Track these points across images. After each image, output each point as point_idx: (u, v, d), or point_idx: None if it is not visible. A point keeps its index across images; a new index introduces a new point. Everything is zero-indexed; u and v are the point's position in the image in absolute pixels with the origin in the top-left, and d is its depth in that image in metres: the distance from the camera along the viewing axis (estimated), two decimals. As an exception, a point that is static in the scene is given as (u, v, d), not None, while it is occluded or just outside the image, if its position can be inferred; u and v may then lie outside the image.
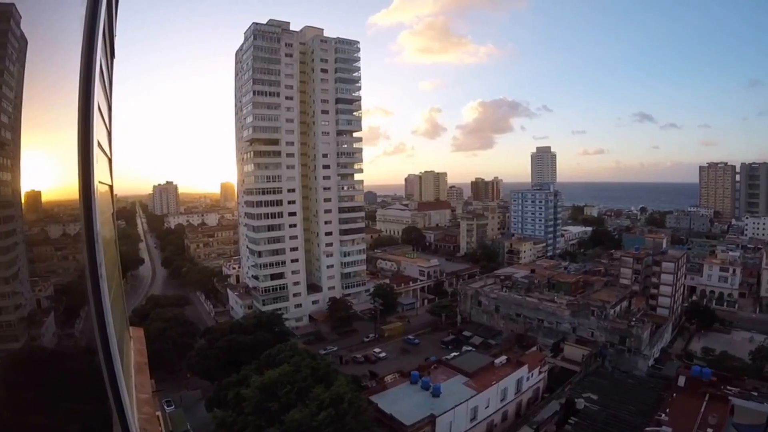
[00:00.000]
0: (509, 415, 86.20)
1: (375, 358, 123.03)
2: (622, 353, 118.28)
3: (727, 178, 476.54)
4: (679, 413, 76.34)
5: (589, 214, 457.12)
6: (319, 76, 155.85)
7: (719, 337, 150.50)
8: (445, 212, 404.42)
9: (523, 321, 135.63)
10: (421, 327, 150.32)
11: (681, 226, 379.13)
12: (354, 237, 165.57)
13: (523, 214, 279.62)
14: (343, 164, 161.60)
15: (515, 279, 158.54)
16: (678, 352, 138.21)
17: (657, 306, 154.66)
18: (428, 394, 76.10)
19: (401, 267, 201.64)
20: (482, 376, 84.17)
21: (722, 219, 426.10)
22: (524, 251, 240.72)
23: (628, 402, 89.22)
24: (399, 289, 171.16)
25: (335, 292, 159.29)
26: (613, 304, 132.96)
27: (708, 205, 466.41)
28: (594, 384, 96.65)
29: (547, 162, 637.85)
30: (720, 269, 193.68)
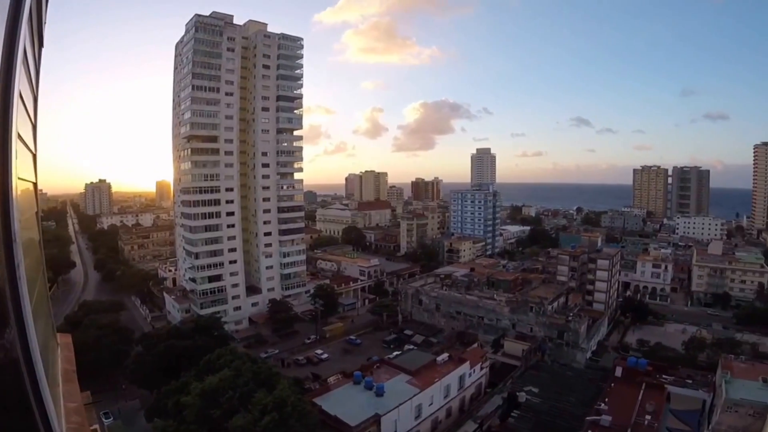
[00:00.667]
0: (453, 411, 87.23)
1: (317, 360, 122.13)
2: (560, 347, 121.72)
3: (660, 180, 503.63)
4: (618, 402, 79.08)
5: (527, 213, 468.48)
6: (260, 72, 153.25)
7: (653, 329, 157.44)
8: (386, 212, 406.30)
9: (463, 318, 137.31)
10: (363, 327, 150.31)
11: (615, 225, 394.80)
12: (293, 237, 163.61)
13: (463, 213, 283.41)
14: (283, 163, 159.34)
15: (455, 277, 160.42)
16: (614, 345, 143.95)
17: (593, 301, 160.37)
18: (372, 394, 76.02)
19: (341, 267, 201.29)
20: (425, 374, 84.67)
21: (654, 219, 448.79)
22: (464, 250, 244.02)
23: (568, 393, 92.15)
24: (340, 289, 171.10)
25: (275, 294, 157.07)
26: (550, 301, 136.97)
27: (641, 206, 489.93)
28: (535, 377, 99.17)
29: (486, 163, 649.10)
30: (653, 266, 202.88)
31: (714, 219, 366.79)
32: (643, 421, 73.84)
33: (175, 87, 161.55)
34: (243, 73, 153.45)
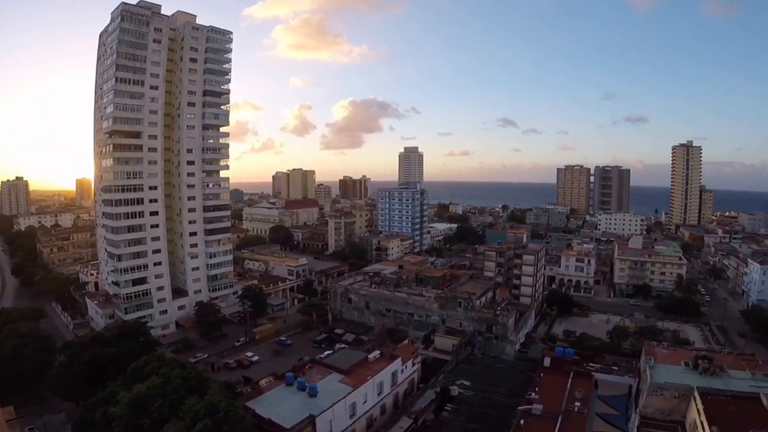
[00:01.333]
0: (387, 408, 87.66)
1: (248, 363, 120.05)
2: (490, 340, 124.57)
3: (583, 179, 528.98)
4: (548, 391, 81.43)
5: (454, 211, 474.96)
6: (187, 66, 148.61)
7: (579, 320, 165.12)
8: (313, 210, 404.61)
9: (393, 316, 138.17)
10: (293, 327, 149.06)
11: (540, 222, 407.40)
12: (220, 237, 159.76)
13: (391, 211, 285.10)
14: (208, 160, 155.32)
15: (384, 275, 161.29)
16: (542, 336, 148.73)
17: (520, 295, 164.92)
18: (305, 395, 75.10)
19: (269, 267, 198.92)
20: (357, 372, 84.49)
21: (577, 215, 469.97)
22: (392, 248, 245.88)
23: (499, 385, 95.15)
24: (268, 289, 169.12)
25: (202, 296, 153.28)
26: (478, 296, 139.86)
27: (565, 203, 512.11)
28: (466, 371, 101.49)
29: (414, 161, 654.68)
30: (576, 260, 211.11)
31: (634, 215, 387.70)
32: (573, 408, 76.34)
33: (97, 79, 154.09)
34: (169, 66, 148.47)
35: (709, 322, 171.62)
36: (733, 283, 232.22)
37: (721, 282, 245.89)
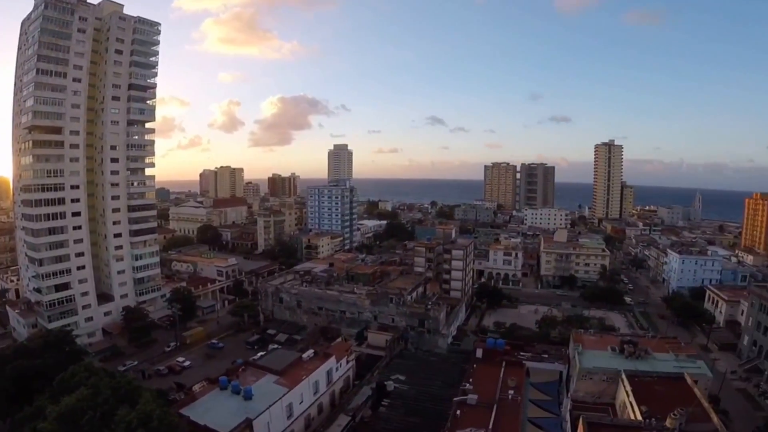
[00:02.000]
0: (325, 407, 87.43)
1: (180, 368, 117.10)
2: (422, 334, 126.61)
3: (509, 175, 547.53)
4: (482, 381, 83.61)
5: (383, 208, 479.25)
6: (113, 58, 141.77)
7: (508, 311, 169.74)
8: (242, 209, 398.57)
9: (325, 314, 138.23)
10: (224, 329, 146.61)
11: (468, 217, 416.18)
12: (146, 238, 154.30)
13: (320, 209, 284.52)
14: (133, 158, 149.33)
15: (315, 273, 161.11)
16: (473, 328, 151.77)
17: (450, 289, 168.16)
18: (240, 398, 73.86)
19: (198, 268, 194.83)
20: (292, 372, 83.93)
21: (504, 211, 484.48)
22: (322, 246, 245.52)
23: (434, 378, 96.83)
24: (197, 291, 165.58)
25: (129, 301, 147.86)
26: (409, 291, 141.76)
27: (492, 199, 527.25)
28: (401, 366, 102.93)
29: (343, 159, 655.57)
30: (504, 254, 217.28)
31: (559, 210, 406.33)
32: (507, 396, 78.60)
33: (17, 70, 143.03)
34: (93, 57, 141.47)
35: (633, 309, 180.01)
36: (654, 272, 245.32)
37: (643, 271, 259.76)
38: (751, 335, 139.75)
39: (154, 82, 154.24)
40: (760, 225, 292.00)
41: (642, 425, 62.65)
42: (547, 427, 72.70)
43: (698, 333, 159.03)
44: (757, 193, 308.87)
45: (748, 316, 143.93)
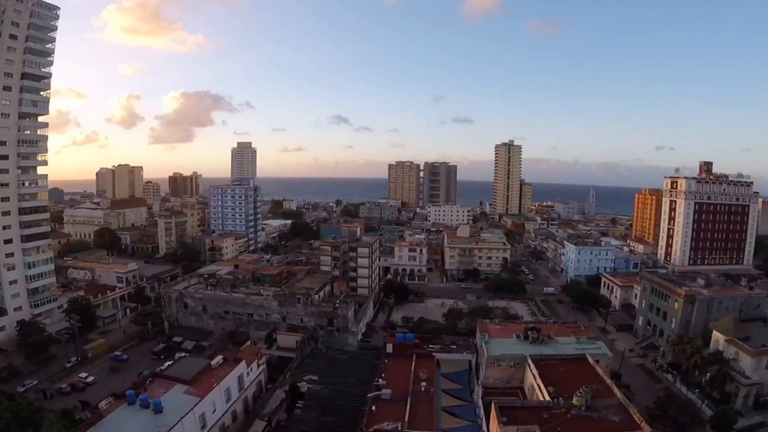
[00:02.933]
0: (239, 414, 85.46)
1: (83, 385, 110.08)
2: (332, 333, 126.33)
3: (413, 174, 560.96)
4: (394, 375, 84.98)
5: (288, 207, 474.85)
6: (6, 43, 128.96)
7: (415, 306, 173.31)
8: (142, 210, 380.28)
9: (233, 317, 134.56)
10: (128, 340, 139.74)
11: (373, 215, 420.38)
12: (39, 244, 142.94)
13: (224, 209, 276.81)
14: (24, 155, 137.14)
15: (220, 276, 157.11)
16: (382, 324, 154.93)
17: (357, 287, 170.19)
18: (150, 413, 70.32)
19: (96, 275, 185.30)
20: (202, 380, 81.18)
21: (409, 208, 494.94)
22: (226, 247, 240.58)
23: (347, 376, 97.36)
24: (96, 300, 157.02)
25: (23, 314, 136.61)
26: (317, 290, 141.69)
27: (396, 197, 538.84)
28: (312, 366, 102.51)
29: (247, 157, 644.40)
30: (409, 250, 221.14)
31: (461, 207, 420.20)
32: (420, 388, 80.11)
33: None
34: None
35: (534, 297, 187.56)
36: (553, 263, 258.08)
37: (542, 262, 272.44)
38: (644, 316, 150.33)
39: (50, 72, 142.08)
40: (649, 217, 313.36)
41: (551, 405, 65.80)
42: (461, 415, 74.42)
43: (596, 317, 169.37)
44: (646, 189, 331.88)
45: (641, 299, 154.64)
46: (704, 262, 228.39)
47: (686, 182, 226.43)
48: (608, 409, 65.89)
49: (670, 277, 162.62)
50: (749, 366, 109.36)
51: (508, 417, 60.36)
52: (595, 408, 65.51)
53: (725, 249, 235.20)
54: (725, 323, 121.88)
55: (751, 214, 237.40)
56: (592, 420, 63.08)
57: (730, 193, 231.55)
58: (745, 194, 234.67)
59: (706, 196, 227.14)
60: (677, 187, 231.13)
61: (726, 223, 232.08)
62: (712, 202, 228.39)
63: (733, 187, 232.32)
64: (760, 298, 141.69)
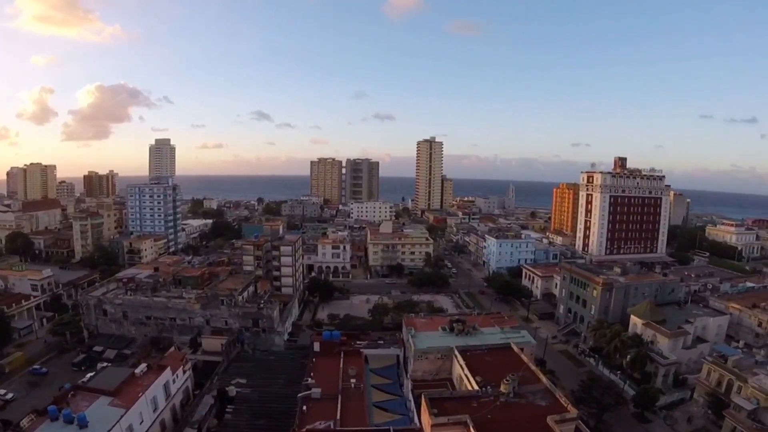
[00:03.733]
0: (167, 423, 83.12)
1: (2, 402, 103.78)
2: (258, 334, 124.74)
3: (335, 171, 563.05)
4: (323, 374, 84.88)
5: (209, 206, 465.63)
6: None
7: (341, 303, 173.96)
8: (56, 212, 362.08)
9: (155, 323, 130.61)
10: (46, 352, 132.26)
11: (295, 213, 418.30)
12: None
13: (142, 210, 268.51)
14: None
15: (139, 280, 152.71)
16: (308, 323, 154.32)
17: (281, 286, 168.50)
18: (75, 428, 66.85)
19: (9, 283, 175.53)
20: (127, 390, 78.39)
21: (331, 205, 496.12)
22: (146, 249, 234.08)
23: (275, 377, 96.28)
24: (10, 310, 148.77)
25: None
26: (240, 291, 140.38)
27: (318, 194, 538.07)
28: (240, 369, 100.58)
29: (166, 154, 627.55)
30: (333, 247, 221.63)
31: (384, 203, 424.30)
32: (349, 385, 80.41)
33: None
34: None
35: (458, 290, 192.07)
36: (475, 256, 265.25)
37: (464, 256, 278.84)
38: (565, 304, 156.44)
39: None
40: (567, 210, 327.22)
41: (479, 394, 67.69)
42: (392, 409, 75.46)
43: (519, 306, 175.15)
44: (563, 183, 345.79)
45: (561, 288, 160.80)
46: (620, 251, 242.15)
47: (602, 177, 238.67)
48: (535, 395, 68.51)
49: (588, 266, 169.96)
50: (666, 347, 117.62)
51: (438, 408, 61.66)
52: (523, 394, 68.00)
53: (640, 239, 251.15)
54: (642, 308, 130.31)
55: (663, 205, 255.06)
56: (521, 406, 65.46)
57: (644, 187, 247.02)
58: (657, 187, 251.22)
59: (621, 189, 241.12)
60: (593, 181, 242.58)
61: (640, 214, 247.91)
62: (626, 195, 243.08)
63: (646, 181, 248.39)
64: (673, 283, 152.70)
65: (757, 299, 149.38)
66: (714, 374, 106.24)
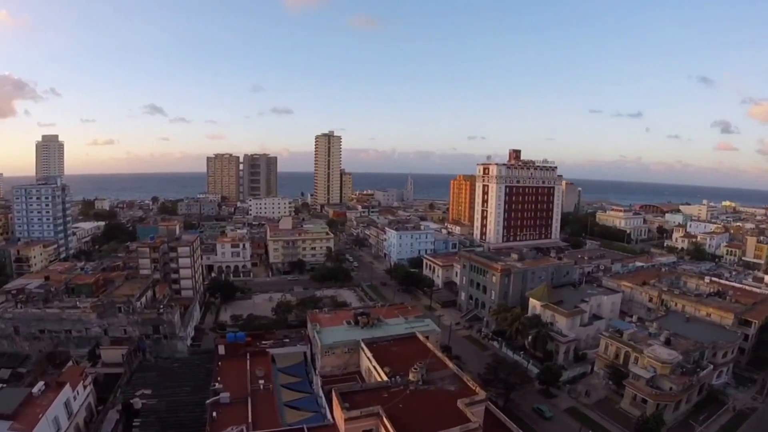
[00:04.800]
0: (75, 444, 78.55)
1: None
2: (159, 341, 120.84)
3: (232, 167, 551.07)
4: (230, 377, 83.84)
5: (101, 207, 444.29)
6: None
7: (243, 303, 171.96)
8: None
9: (49, 336, 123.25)
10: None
11: (192, 212, 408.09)
12: None
13: (29, 213, 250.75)
14: None
15: (30, 291, 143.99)
16: (211, 326, 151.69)
17: (181, 289, 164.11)
18: None
19: None
20: (26, 413, 72.70)
21: (229, 202, 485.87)
22: (35, 257, 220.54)
23: (182, 384, 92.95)
24: None
25: None
26: (138, 296, 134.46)
27: (216, 191, 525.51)
28: (144, 379, 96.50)
29: (53, 152, 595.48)
30: (232, 246, 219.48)
31: (283, 199, 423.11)
32: (258, 387, 79.99)
33: None
34: None
35: (360, 284, 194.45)
36: (376, 249, 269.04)
37: (365, 249, 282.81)
38: (466, 291, 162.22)
39: None
40: (464, 201, 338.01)
41: (389, 384, 69.03)
42: (304, 407, 75.72)
43: (422, 296, 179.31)
44: (461, 175, 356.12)
45: (462, 276, 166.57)
46: (517, 238, 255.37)
47: (497, 168, 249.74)
48: (444, 380, 70.81)
49: (486, 254, 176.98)
50: (565, 326, 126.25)
51: (350, 402, 62.38)
52: (432, 381, 70.13)
53: (535, 226, 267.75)
54: (540, 291, 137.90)
55: (556, 194, 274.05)
56: (431, 392, 67.55)
57: (537, 177, 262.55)
58: (550, 177, 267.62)
59: (516, 180, 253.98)
60: (489, 172, 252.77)
61: (534, 203, 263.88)
62: (521, 185, 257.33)
63: (540, 171, 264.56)
64: (568, 266, 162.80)
65: (646, 277, 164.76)
66: (611, 348, 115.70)
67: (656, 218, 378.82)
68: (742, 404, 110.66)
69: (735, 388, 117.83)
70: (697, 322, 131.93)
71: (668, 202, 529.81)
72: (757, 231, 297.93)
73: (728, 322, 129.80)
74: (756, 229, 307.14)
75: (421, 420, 59.92)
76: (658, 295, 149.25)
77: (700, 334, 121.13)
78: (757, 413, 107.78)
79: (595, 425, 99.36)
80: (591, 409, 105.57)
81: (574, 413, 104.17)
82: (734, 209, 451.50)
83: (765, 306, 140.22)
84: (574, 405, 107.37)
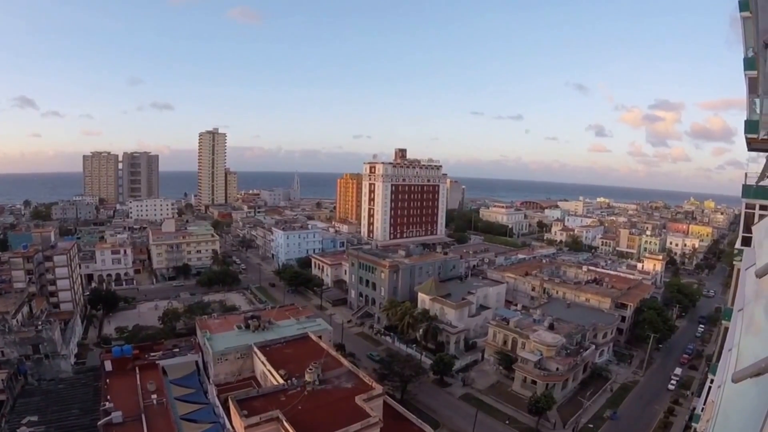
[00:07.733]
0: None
1: None
2: (40, 362, 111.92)
3: (111, 166, 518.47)
4: (121, 394, 79.49)
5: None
6: None
7: (128, 314, 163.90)
8: None
9: None
10: None
11: (68, 216, 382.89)
12: None
13: None
14: None
15: None
16: (95, 341, 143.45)
17: (60, 302, 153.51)
18: None
19: None
20: None
21: (108, 205, 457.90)
22: None
23: (69, 407, 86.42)
24: None
25: None
26: (13, 314, 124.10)
27: (93, 193, 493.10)
28: (28, 405, 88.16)
29: None
30: (112, 252, 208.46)
31: (165, 200, 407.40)
32: (151, 402, 76.20)
33: None
34: None
35: (249, 286, 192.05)
36: (263, 250, 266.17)
37: (253, 250, 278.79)
38: (356, 289, 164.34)
39: None
40: (351, 199, 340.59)
41: (286, 387, 69.01)
42: (201, 419, 73.91)
43: (312, 296, 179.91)
44: (347, 174, 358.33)
45: (351, 273, 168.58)
46: (403, 235, 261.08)
47: (383, 167, 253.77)
48: (340, 378, 71.61)
49: (374, 251, 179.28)
50: (454, 317, 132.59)
51: (248, 409, 61.59)
52: (328, 380, 70.72)
53: (421, 223, 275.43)
54: (428, 285, 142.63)
55: (441, 192, 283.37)
56: (328, 391, 68.10)
57: (423, 176, 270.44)
58: (435, 176, 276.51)
59: (402, 178, 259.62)
60: (375, 171, 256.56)
61: (420, 200, 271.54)
62: (407, 184, 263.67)
63: (425, 170, 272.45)
64: (454, 260, 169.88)
65: (528, 268, 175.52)
66: (499, 335, 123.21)
67: (536, 213, 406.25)
68: (624, 378, 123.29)
69: (617, 364, 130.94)
70: (578, 308, 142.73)
71: (547, 199, 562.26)
72: (629, 224, 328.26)
73: (606, 306, 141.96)
74: (628, 223, 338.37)
75: (321, 420, 60.20)
76: (540, 284, 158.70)
77: (580, 318, 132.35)
78: (638, 385, 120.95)
79: (491, 409, 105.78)
80: (485, 394, 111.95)
81: (469, 399, 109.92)
82: (608, 205, 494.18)
83: (638, 290, 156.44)
84: (468, 391, 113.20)
